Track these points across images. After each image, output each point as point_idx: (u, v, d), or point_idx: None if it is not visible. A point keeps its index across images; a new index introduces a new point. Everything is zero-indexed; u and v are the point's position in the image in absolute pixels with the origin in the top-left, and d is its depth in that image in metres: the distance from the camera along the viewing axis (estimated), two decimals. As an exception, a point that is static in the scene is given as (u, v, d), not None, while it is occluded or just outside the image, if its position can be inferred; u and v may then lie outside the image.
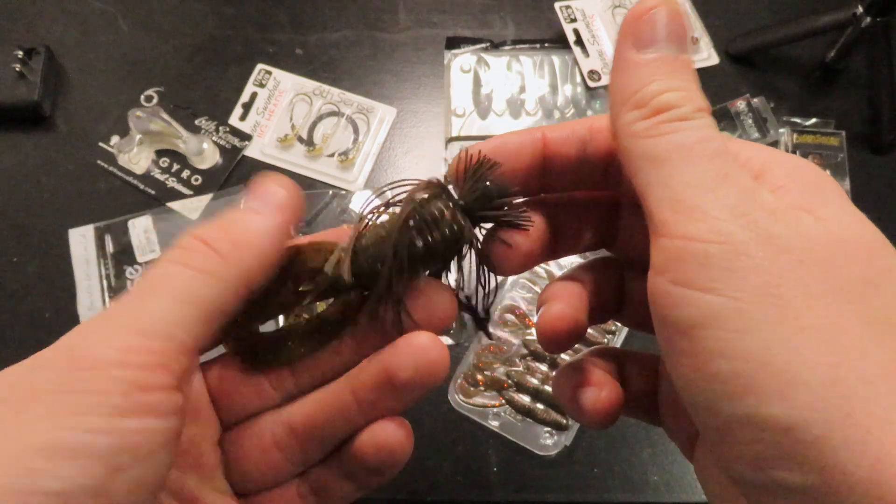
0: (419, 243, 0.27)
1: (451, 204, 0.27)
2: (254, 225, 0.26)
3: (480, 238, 0.29)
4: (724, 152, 0.23)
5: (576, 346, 0.52)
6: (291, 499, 0.30)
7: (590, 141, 0.28)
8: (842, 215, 0.23)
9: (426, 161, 0.72)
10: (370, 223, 0.28)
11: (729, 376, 0.20)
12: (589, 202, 0.31)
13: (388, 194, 0.28)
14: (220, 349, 0.30)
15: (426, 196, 0.28)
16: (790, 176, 0.24)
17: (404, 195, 0.28)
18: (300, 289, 0.29)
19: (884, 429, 0.19)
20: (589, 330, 0.59)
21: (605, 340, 0.61)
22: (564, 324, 0.29)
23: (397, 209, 0.28)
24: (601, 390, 0.30)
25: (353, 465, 0.29)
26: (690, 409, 0.23)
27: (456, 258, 0.29)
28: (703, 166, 0.22)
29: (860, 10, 0.66)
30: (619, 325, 0.62)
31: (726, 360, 0.20)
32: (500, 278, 0.61)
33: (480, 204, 0.27)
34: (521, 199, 0.29)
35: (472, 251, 0.29)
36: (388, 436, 0.28)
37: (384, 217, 0.28)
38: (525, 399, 0.61)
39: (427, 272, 0.29)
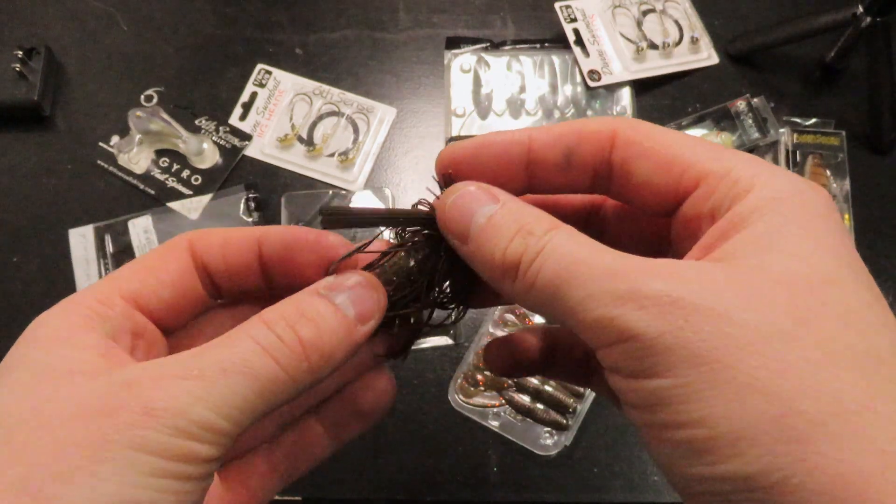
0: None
1: (442, 256, 0.29)
2: (345, 341, 0.26)
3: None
4: (591, 250, 0.24)
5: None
6: (263, 472, 0.32)
7: (576, 146, 0.28)
8: (794, 257, 0.23)
9: (426, 161, 0.72)
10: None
11: (685, 441, 0.22)
12: (575, 206, 0.32)
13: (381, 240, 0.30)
14: None
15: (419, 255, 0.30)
16: (767, 205, 0.24)
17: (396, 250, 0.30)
18: None
19: (839, 466, 0.20)
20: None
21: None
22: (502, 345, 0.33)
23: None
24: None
25: (343, 411, 0.32)
26: (659, 468, 0.25)
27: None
28: (581, 278, 0.23)
29: (860, 10, 0.66)
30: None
31: (681, 430, 0.22)
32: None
33: None
34: None
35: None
36: (382, 383, 0.33)
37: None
38: (525, 399, 0.61)
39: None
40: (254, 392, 0.24)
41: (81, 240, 0.68)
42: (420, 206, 0.30)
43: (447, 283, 0.31)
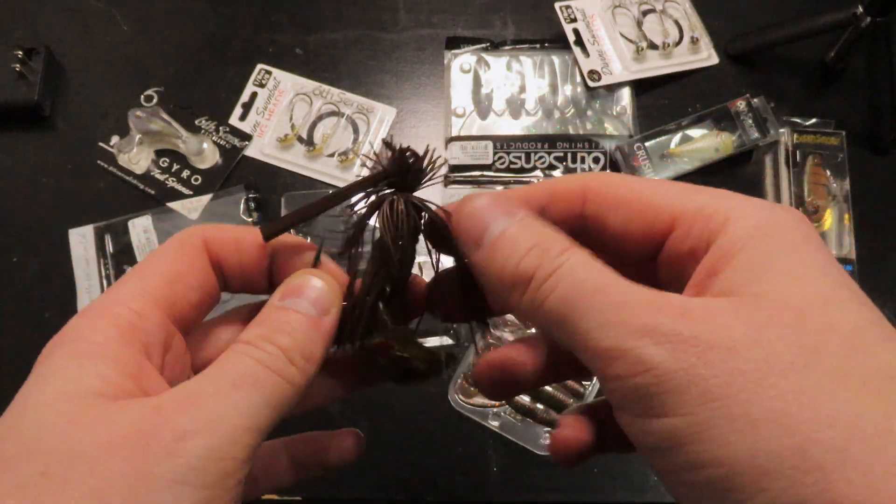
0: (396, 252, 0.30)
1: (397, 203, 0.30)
2: (316, 336, 0.28)
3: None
4: (607, 278, 0.24)
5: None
6: None
7: (549, 206, 0.29)
8: (789, 281, 0.23)
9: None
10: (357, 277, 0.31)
11: (706, 482, 0.21)
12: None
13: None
14: None
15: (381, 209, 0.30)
16: (749, 235, 0.24)
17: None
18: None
19: (865, 492, 0.19)
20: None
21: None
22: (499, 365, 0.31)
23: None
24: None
25: (310, 455, 0.35)
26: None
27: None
28: (596, 305, 0.23)
29: (860, 10, 0.66)
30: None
31: (701, 470, 0.21)
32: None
33: (411, 177, 0.30)
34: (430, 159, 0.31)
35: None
36: (350, 442, 0.36)
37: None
38: (525, 399, 0.61)
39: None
40: (263, 400, 0.25)
41: (81, 240, 0.68)
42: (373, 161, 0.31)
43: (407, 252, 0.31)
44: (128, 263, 0.67)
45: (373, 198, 0.30)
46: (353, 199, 0.30)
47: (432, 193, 0.69)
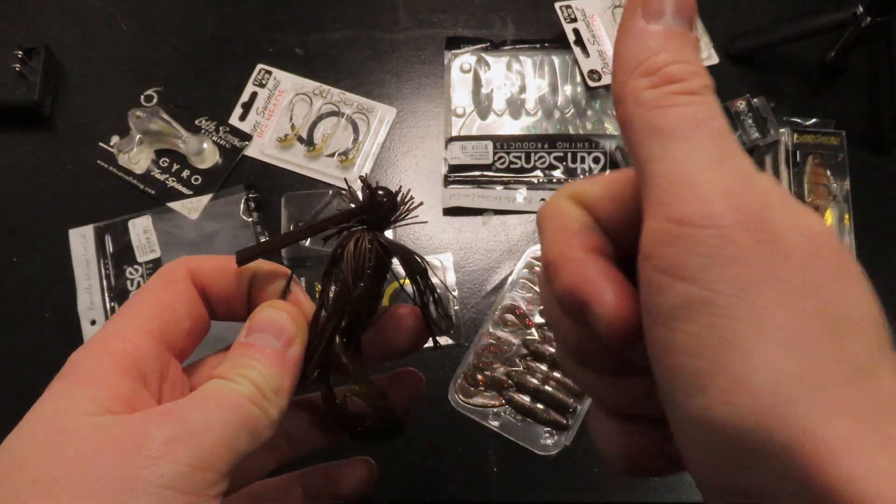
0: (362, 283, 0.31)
1: (369, 241, 0.31)
2: (283, 368, 0.29)
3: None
4: (728, 133, 0.22)
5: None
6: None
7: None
8: (814, 216, 0.22)
9: (426, 161, 0.72)
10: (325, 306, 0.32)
11: (688, 373, 0.20)
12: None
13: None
14: None
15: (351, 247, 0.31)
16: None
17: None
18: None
19: (825, 432, 0.18)
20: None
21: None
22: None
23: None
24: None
25: (324, 486, 0.36)
26: (661, 400, 0.22)
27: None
28: (707, 144, 0.21)
29: (860, 10, 0.66)
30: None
31: (689, 357, 0.20)
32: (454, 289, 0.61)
33: (384, 217, 0.31)
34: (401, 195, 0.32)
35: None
36: (363, 471, 0.38)
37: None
38: (525, 399, 0.61)
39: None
40: (240, 423, 0.27)
41: (81, 240, 0.68)
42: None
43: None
44: (128, 263, 0.67)
45: (345, 233, 0.31)
46: (325, 234, 0.31)
47: (434, 198, 0.69)
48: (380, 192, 0.30)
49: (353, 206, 0.31)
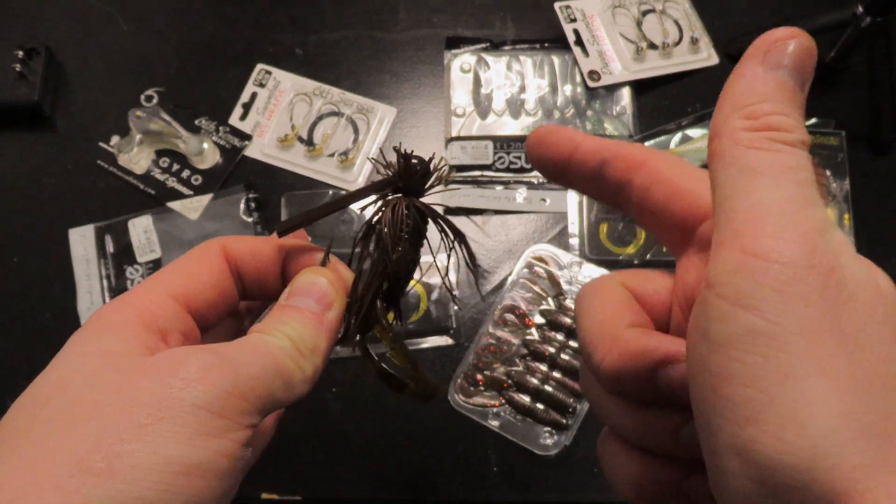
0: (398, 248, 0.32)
1: (405, 206, 0.32)
2: (320, 330, 0.30)
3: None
4: (813, 185, 0.23)
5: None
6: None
7: (611, 160, 0.29)
8: (881, 272, 0.23)
9: (426, 161, 0.72)
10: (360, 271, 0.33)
11: (740, 402, 0.20)
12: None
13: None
14: None
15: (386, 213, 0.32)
16: None
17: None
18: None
19: (871, 483, 0.18)
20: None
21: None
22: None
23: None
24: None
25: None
26: (698, 428, 0.23)
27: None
28: (792, 189, 0.22)
29: (860, 10, 0.66)
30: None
31: (743, 387, 0.20)
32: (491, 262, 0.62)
33: (416, 183, 0.32)
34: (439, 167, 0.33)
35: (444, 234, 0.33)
36: None
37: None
38: (525, 399, 0.61)
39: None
40: (276, 371, 0.27)
41: (81, 240, 0.68)
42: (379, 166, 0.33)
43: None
44: (128, 263, 0.67)
45: (380, 202, 0.32)
46: (363, 202, 0.32)
47: (434, 198, 0.69)
48: (413, 160, 0.32)
49: (388, 174, 0.32)
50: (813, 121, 0.71)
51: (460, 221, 0.69)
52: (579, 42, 0.74)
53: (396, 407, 0.62)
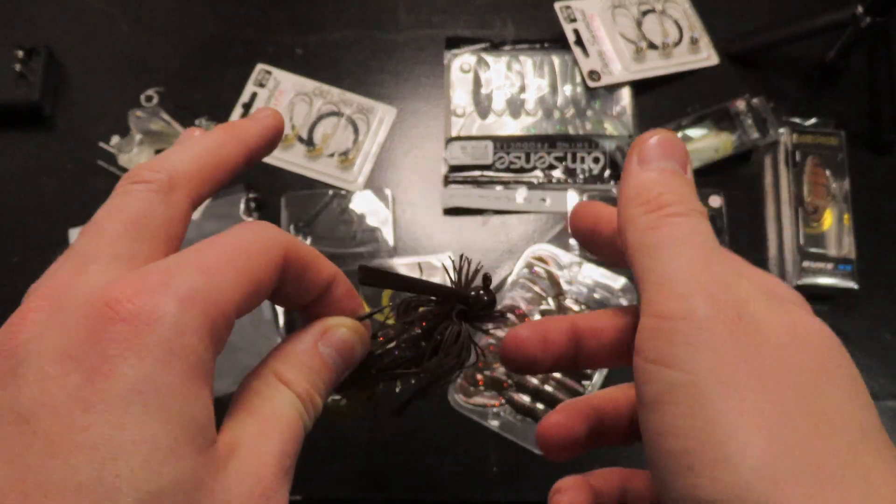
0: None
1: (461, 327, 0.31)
2: (329, 379, 0.29)
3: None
4: (712, 245, 0.25)
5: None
6: None
7: (600, 220, 0.31)
8: (806, 315, 0.24)
9: (426, 161, 0.72)
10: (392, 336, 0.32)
11: (677, 454, 0.21)
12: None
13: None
14: None
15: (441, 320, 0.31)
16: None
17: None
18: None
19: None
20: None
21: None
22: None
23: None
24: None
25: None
26: (655, 486, 0.24)
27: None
28: (689, 253, 0.24)
29: (860, 10, 0.66)
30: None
31: (677, 439, 0.22)
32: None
33: (479, 311, 0.32)
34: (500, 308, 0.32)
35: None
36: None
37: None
38: (525, 399, 0.61)
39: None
40: (293, 437, 0.26)
41: (81, 240, 0.68)
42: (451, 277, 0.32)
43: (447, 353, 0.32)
44: (128, 263, 0.67)
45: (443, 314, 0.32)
46: (425, 298, 0.32)
47: (434, 198, 0.69)
48: (482, 292, 0.31)
49: (459, 289, 0.31)
50: (813, 121, 0.71)
51: (460, 221, 0.69)
52: (579, 42, 0.75)
53: (396, 407, 0.62)
